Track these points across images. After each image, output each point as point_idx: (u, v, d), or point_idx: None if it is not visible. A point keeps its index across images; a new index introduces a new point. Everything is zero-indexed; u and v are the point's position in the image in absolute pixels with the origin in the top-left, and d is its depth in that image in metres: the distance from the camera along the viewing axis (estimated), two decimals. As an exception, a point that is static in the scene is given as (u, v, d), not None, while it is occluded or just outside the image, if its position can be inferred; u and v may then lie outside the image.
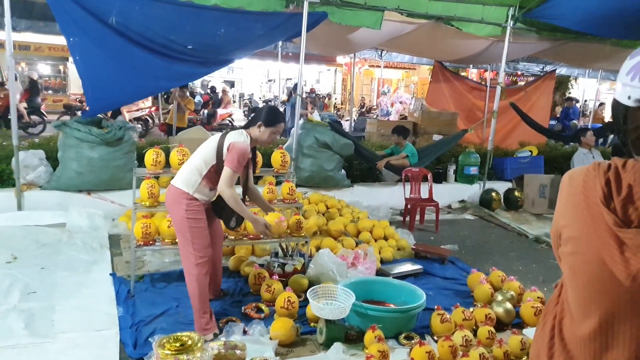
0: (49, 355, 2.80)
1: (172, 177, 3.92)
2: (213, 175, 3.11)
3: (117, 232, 4.96)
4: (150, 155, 3.92)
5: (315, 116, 6.59)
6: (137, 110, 11.24)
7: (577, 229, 1.08)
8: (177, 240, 3.21)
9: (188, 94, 9.45)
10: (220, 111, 12.88)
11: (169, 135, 8.39)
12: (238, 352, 2.55)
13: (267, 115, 3.14)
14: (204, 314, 3.07)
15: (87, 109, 5.29)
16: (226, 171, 3.01)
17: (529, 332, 2.79)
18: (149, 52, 5.15)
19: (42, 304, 3.36)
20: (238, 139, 3.06)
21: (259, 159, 4.12)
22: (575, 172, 1.12)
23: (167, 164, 4.03)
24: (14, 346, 2.84)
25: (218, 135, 3.20)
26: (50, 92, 18.31)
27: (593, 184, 1.05)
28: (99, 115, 5.83)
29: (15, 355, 2.78)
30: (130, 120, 10.37)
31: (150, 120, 11.54)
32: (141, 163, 4.08)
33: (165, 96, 9.70)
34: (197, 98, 12.29)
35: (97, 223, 5.01)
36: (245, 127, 3.20)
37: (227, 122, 12.85)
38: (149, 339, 2.50)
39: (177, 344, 2.28)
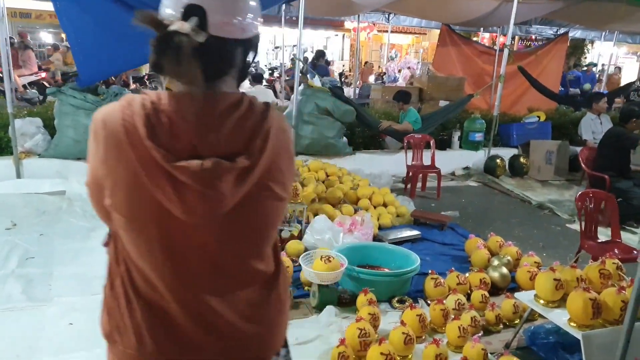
0: (46, 319, 2.86)
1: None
2: None
3: (116, 200, 4.99)
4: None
5: (316, 81, 6.47)
6: (32, 74, 10.38)
7: (125, 174, 0.97)
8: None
9: None
10: None
11: None
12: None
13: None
14: None
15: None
16: None
17: (521, 296, 2.77)
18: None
19: (40, 269, 3.41)
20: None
21: None
22: (108, 113, 0.99)
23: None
24: (12, 309, 2.91)
25: None
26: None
27: (133, 123, 0.95)
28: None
29: (13, 318, 2.84)
30: (23, 86, 9.80)
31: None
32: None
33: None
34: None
35: (96, 191, 5.03)
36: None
37: None
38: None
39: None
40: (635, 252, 3.57)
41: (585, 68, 13.80)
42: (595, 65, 14.49)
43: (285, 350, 1.29)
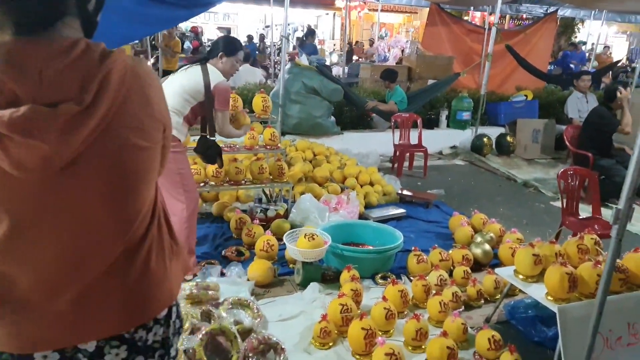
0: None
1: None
2: (197, 110, 2.98)
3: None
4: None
5: (303, 60, 6.40)
6: None
7: None
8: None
9: (176, 35, 9.17)
10: None
11: None
12: (211, 292, 2.59)
13: (226, 45, 3.05)
14: (190, 254, 3.09)
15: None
16: (224, 114, 3.02)
17: (501, 271, 2.82)
18: (121, -4, 4.90)
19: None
20: (219, 79, 2.97)
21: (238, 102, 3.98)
22: None
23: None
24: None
25: (197, 70, 2.96)
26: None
27: None
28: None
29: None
30: None
31: None
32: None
33: (152, 42, 9.44)
34: (187, 44, 11.94)
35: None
36: (206, 59, 3.05)
37: None
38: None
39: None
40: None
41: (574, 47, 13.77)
42: (585, 43, 14.46)
43: (163, 328, 1.15)
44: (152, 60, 9.02)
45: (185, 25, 21.75)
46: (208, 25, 25.44)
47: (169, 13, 5.47)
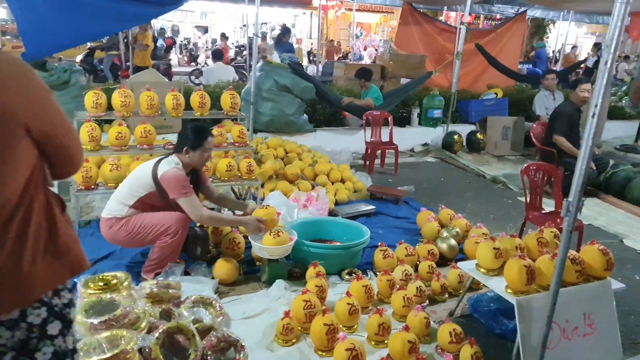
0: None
1: (115, 121, 3.81)
2: (153, 198, 2.99)
3: (66, 180, 4.83)
4: (90, 98, 3.77)
5: (275, 57, 6.37)
6: None
7: None
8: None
9: (148, 29, 9.02)
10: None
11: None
12: (172, 290, 2.55)
13: (190, 139, 2.98)
14: (158, 264, 3.02)
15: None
16: (181, 202, 2.91)
17: (463, 265, 2.85)
18: (91, -9, 4.80)
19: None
20: (166, 168, 2.93)
21: (205, 168, 3.76)
22: None
23: (110, 107, 3.89)
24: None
25: (153, 161, 3.03)
26: (8, 37, 17.24)
27: None
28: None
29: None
30: None
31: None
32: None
33: (125, 40, 9.27)
34: (160, 42, 11.76)
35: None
36: (176, 151, 3.05)
37: None
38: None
39: (101, 284, 2.26)
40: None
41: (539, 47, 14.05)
42: (543, 46, 14.78)
43: (12, 332, 1.11)
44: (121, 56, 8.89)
45: (160, 24, 21.49)
46: (185, 23, 25.16)
47: (139, 9, 5.38)
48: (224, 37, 15.07)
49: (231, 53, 15.97)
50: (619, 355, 2.62)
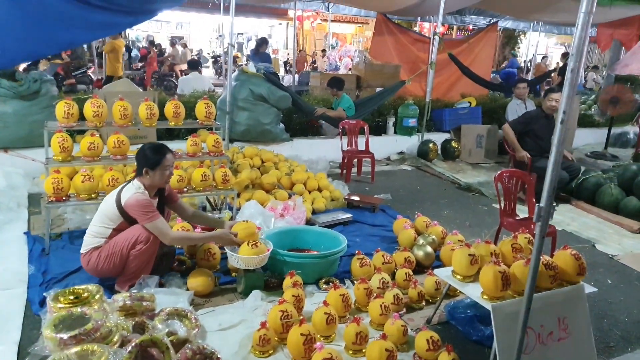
0: (-52, 317, 2.66)
1: (88, 131, 3.74)
2: (125, 227, 2.96)
3: (38, 191, 4.71)
4: (61, 108, 3.68)
5: (250, 67, 6.36)
6: None
7: None
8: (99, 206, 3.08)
9: (121, 37, 8.89)
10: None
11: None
12: (145, 303, 2.49)
13: (147, 159, 2.94)
14: (133, 275, 2.96)
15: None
16: (150, 226, 2.87)
17: (439, 272, 2.86)
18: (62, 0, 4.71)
19: (-56, 265, 3.17)
20: (128, 195, 2.90)
21: (179, 179, 3.83)
22: None
23: (82, 117, 3.80)
24: None
25: (115, 192, 3.01)
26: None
27: None
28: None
29: None
30: None
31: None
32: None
33: (99, 50, 9.14)
34: (134, 52, 11.62)
35: (15, 182, 4.72)
36: (137, 174, 3.02)
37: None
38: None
39: (72, 297, 2.19)
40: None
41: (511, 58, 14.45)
42: (515, 56, 15.22)
43: None
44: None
45: (135, 34, 21.25)
46: (160, 34, 24.93)
47: (112, 19, 5.31)
48: (152, 44, 14.42)
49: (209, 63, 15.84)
50: (593, 359, 2.66)
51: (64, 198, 3.46)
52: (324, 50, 17.23)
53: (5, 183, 4.64)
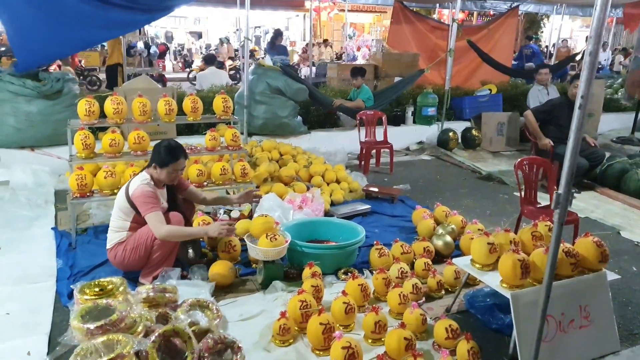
0: (-18, 309, 2.77)
1: (109, 128, 3.83)
2: (141, 220, 3.03)
3: (64, 188, 4.84)
4: (82, 106, 3.77)
5: (267, 60, 6.39)
6: None
7: None
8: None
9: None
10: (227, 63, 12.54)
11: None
12: (168, 294, 2.55)
13: (160, 156, 3.00)
14: (157, 265, 3.05)
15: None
16: (147, 218, 2.93)
17: (458, 261, 2.85)
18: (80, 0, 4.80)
19: (-23, 260, 3.30)
20: (135, 186, 2.97)
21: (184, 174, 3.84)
22: None
23: (103, 114, 3.89)
24: (-56, 302, 2.80)
25: (125, 185, 3.09)
26: (3, 49, 17.20)
27: None
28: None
29: (-54, 311, 2.74)
30: None
31: None
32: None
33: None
34: (153, 48, 11.78)
35: (42, 179, 4.88)
36: (148, 166, 3.09)
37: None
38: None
39: (97, 289, 2.27)
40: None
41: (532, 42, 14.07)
42: (534, 38, 14.78)
43: None
44: None
45: (154, 31, 21.48)
46: (178, 30, 25.16)
47: (129, 17, 5.40)
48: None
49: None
50: (617, 346, 2.63)
51: (87, 194, 3.57)
52: (325, 40, 17.08)
53: (33, 180, 4.80)
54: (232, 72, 12.79)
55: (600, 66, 14.79)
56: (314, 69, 10.44)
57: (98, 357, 1.88)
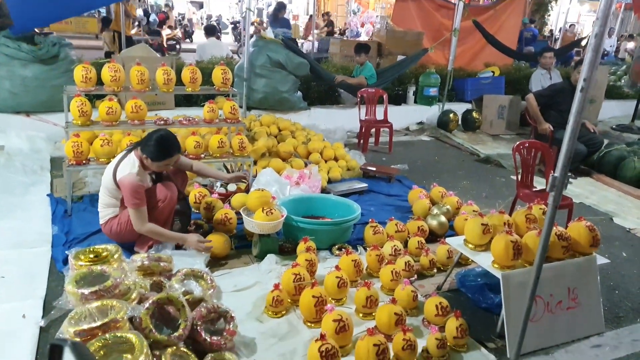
0: (-23, 272, 2.80)
1: (107, 96, 3.80)
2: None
3: (60, 155, 4.82)
4: (79, 72, 3.72)
5: (269, 33, 6.30)
6: None
7: None
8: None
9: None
10: (164, 32, 12.25)
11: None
12: (163, 264, 2.57)
13: (151, 150, 2.88)
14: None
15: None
16: (130, 213, 2.87)
17: (451, 241, 2.88)
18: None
19: (-27, 224, 3.31)
20: (124, 172, 2.88)
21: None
22: None
23: (100, 81, 3.85)
24: (-60, 264, 2.82)
25: (112, 166, 2.99)
26: None
27: None
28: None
29: (-58, 272, 2.76)
30: None
31: None
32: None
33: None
34: (152, 16, 11.58)
35: (38, 145, 4.87)
36: (138, 146, 2.97)
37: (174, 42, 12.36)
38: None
39: (92, 256, 2.28)
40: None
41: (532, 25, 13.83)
42: (534, 22, 14.55)
43: None
44: None
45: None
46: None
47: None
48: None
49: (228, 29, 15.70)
50: (602, 328, 2.68)
51: (84, 162, 3.55)
52: (326, 14, 16.75)
53: (29, 146, 4.78)
54: (171, 42, 12.39)
55: (605, 52, 14.63)
56: (316, 44, 10.29)
57: (92, 322, 1.91)
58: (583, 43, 10.81)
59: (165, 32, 12.20)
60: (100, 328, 1.87)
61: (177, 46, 12.42)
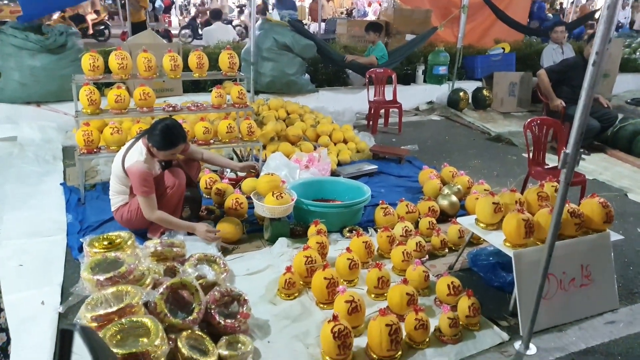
0: (-4, 261, 2.86)
1: (115, 84, 3.81)
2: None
3: (71, 144, 4.87)
4: (86, 60, 3.73)
5: (275, 15, 6.23)
6: None
7: None
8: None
9: None
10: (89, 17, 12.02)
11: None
12: (176, 249, 2.61)
13: (157, 140, 2.89)
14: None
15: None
16: (139, 200, 2.89)
17: (463, 220, 2.87)
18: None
19: (-11, 214, 3.37)
20: (132, 160, 2.89)
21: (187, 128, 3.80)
22: None
23: (108, 70, 3.85)
24: (-41, 254, 2.89)
25: (121, 153, 3.01)
26: (5, 2, 16.95)
27: None
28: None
29: (-39, 262, 2.83)
30: None
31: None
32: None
33: (122, 1, 9.10)
34: (158, 2, 11.51)
35: (50, 135, 4.91)
36: (146, 134, 2.98)
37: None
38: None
39: (106, 243, 2.32)
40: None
41: None
42: None
43: None
44: None
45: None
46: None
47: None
48: None
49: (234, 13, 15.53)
50: (615, 305, 2.66)
51: (95, 150, 3.58)
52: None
53: (41, 136, 4.83)
54: (100, 27, 11.88)
55: (619, 24, 14.27)
56: (322, 24, 10.18)
57: (108, 307, 1.95)
58: (597, 16, 10.54)
59: (91, 16, 11.66)
60: (116, 313, 1.90)
61: (106, 31, 11.90)
